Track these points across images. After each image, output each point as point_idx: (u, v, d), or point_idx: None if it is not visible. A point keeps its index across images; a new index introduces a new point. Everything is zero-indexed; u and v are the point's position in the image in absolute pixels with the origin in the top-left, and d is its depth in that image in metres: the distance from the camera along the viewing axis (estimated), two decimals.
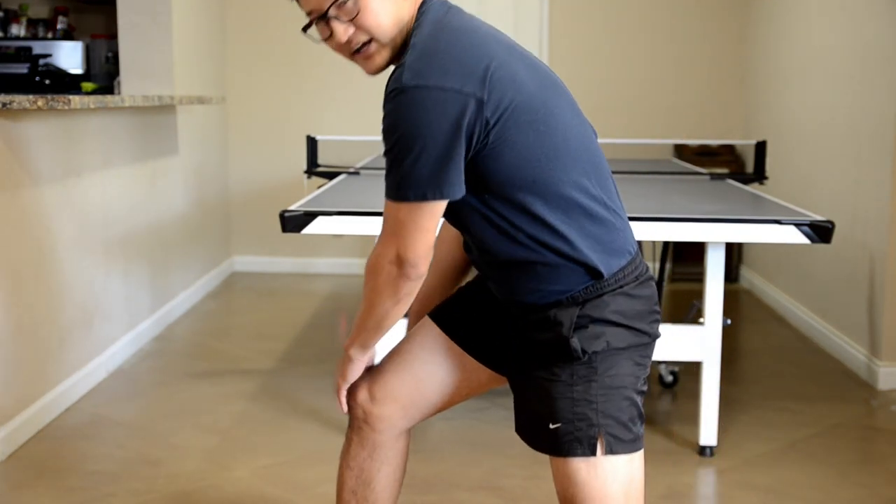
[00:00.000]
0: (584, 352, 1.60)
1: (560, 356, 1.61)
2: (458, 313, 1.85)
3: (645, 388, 1.69)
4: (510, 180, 1.56)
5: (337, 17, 1.58)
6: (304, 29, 1.66)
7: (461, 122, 1.49)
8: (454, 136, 1.49)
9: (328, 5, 1.57)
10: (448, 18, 1.60)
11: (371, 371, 1.86)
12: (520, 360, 1.70)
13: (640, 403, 1.67)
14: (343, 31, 1.59)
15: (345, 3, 1.57)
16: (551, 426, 1.61)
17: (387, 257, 1.60)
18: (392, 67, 1.60)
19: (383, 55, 1.62)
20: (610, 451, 1.60)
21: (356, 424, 1.86)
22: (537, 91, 1.57)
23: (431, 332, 1.85)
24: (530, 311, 1.67)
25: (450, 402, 1.87)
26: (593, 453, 1.60)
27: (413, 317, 1.97)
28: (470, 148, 1.52)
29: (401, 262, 1.58)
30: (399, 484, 1.92)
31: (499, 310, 1.77)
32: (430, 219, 1.56)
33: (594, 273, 1.61)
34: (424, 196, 1.52)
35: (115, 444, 3.18)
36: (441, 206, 1.55)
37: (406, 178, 1.52)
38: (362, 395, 1.84)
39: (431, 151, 1.49)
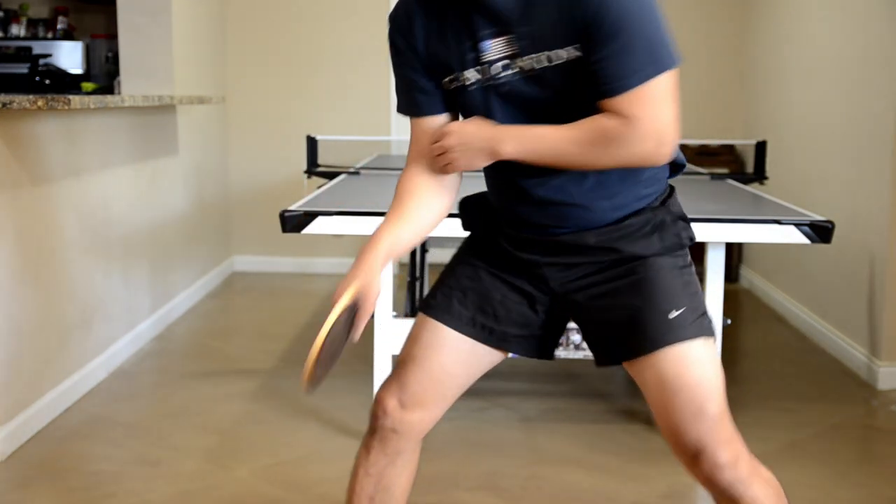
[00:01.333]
0: (691, 239, 1.76)
1: (667, 249, 1.72)
2: (452, 302, 1.82)
3: None
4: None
5: None
6: None
7: None
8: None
9: None
10: None
11: (393, 382, 1.84)
12: (611, 277, 1.73)
13: None
14: None
15: None
16: (672, 314, 1.67)
17: (646, 146, 1.58)
18: None
19: None
20: (712, 333, 1.72)
21: (382, 434, 1.84)
22: None
23: (434, 331, 1.83)
24: (616, 228, 1.72)
25: (466, 387, 1.88)
26: (713, 333, 1.71)
27: (385, 257, 1.77)
28: None
29: (660, 148, 1.59)
30: (410, 487, 1.93)
31: (517, 269, 1.79)
32: (675, 85, 1.60)
33: (676, 168, 1.78)
34: (674, 63, 1.58)
35: (115, 445, 3.18)
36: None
37: (661, 48, 1.56)
38: (392, 404, 1.82)
39: (662, 20, 1.58)
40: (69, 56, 6.01)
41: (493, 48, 1.64)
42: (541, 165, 1.65)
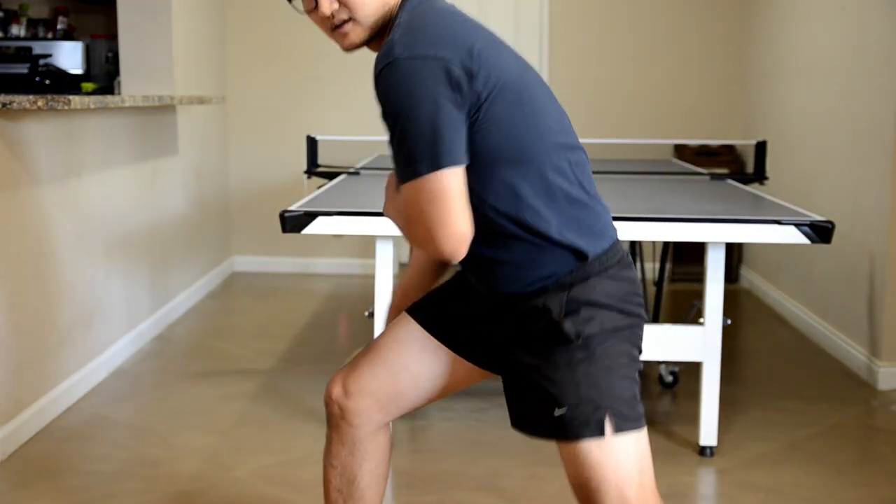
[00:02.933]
0: (578, 335, 1.60)
1: (556, 341, 1.61)
2: (436, 308, 1.85)
3: (640, 367, 1.70)
4: (497, 160, 1.57)
5: None
6: None
7: (457, 88, 1.50)
8: (452, 101, 1.49)
9: None
10: (431, 2, 1.64)
11: (346, 367, 1.87)
12: (512, 351, 1.69)
13: (638, 380, 1.68)
14: (328, 4, 1.62)
15: None
16: (557, 412, 1.61)
17: (422, 243, 1.56)
18: (375, 54, 1.62)
19: (360, 34, 1.65)
20: (619, 429, 1.61)
21: (333, 422, 1.87)
22: (520, 73, 1.61)
23: (407, 327, 1.84)
24: (516, 302, 1.67)
25: (428, 397, 1.86)
26: (602, 433, 1.60)
27: (393, 311, 1.97)
28: (470, 112, 1.53)
29: (438, 248, 1.53)
30: (384, 479, 1.92)
31: (482, 305, 1.77)
32: (453, 190, 1.51)
33: (579, 255, 1.62)
34: (440, 165, 1.49)
35: (115, 444, 3.18)
36: (459, 173, 1.51)
37: (418, 152, 1.49)
38: (336, 390, 1.85)
39: (435, 118, 1.48)
40: (69, 56, 6.01)
41: None
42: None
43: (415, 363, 1.83)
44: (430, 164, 1.49)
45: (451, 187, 1.50)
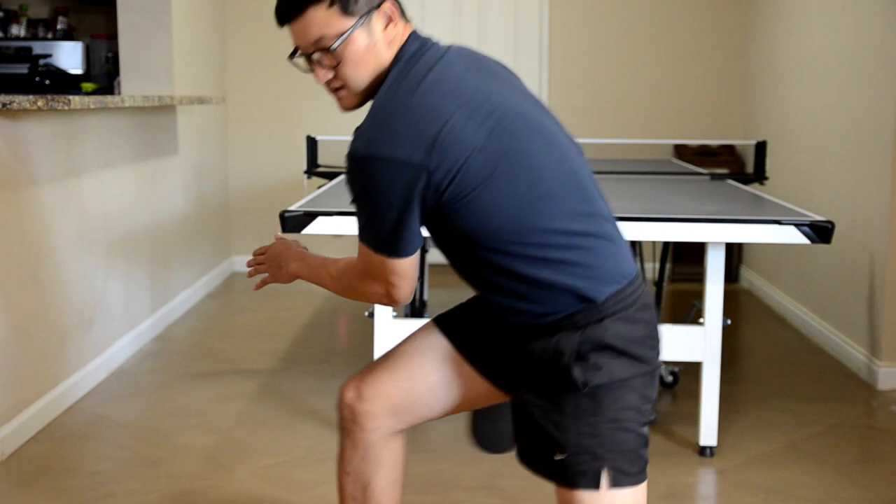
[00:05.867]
0: (585, 383, 1.58)
1: (564, 387, 1.60)
2: (463, 322, 1.83)
3: (652, 417, 1.67)
4: (477, 234, 1.59)
5: (319, 62, 1.64)
6: (290, 57, 1.71)
7: (412, 190, 1.55)
8: (406, 202, 1.56)
9: (312, 50, 1.63)
10: (413, 72, 1.60)
11: (362, 372, 1.86)
12: (523, 382, 1.67)
13: (646, 433, 1.65)
14: (323, 74, 1.66)
15: (327, 51, 1.61)
16: (556, 457, 1.60)
17: (374, 293, 1.71)
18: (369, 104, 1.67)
19: (353, 100, 1.69)
20: (615, 484, 1.59)
21: (346, 426, 1.85)
22: (496, 144, 1.56)
23: (432, 336, 1.83)
24: (529, 334, 1.65)
25: (444, 410, 1.84)
26: (597, 487, 1.58)
27: None
28: (424, 210, 1.58)
29: (389, 300, 1.70)
30: (399, 487, 1.90)
31: (505, 328, 1.75)
32: (401, 270, 1.65)
33: (584, 299, 1.60)
34: (388, 253, 1.62)
35: (115, 444, 3.18)
36: (404, 261, 1.64)
37: (368, 232, 1.63)
38: (350, 394, 1.83)
39: (386, 216, 1.58)
40: (69, 56, 6.01)
41: None
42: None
43: (436, 373, 1.81)
44: (388, 252, 1.62)
45: (405, 268, 1.64)
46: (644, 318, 1.64)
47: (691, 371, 3.46)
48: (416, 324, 2.91)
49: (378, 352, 3.14)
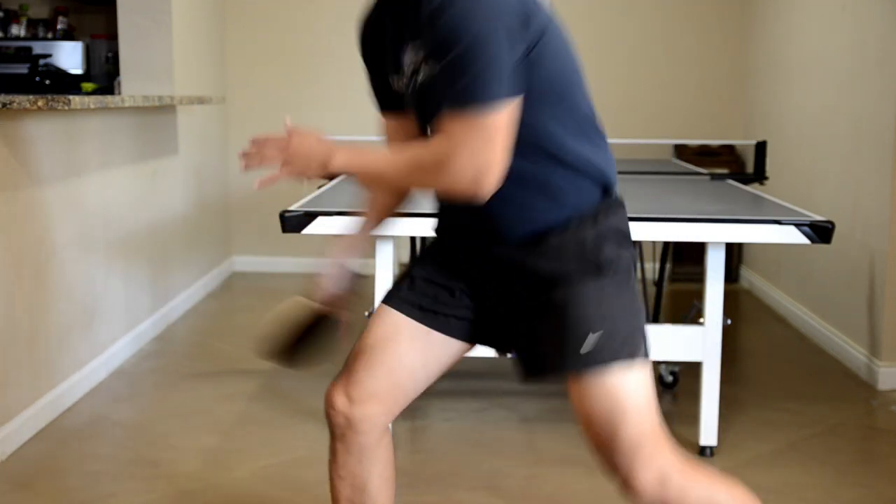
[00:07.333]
0: (610, 263, 1.66)
1: (588, 271, 1.65)
2: (413, 292, 1.83)
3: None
4: (545, 93, 1.61)
5: None
6: None
7: (525, 24, 1.54)
8: (519, 35, 1.53)
9: None
10: None
11: (342, 375, 1.85)
12: (529, 295, 1.70)
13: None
14: None
15: None
16: (591, 335, 1.62)
17: (463, 178, 1.52)
18: None
19: None
20: (644, 355, 1.67)
21: (338, 432, 1.85)
22: (552, 12, 1.66)
23: (390, 320, 1.83)
24: (536, 242, 1.68)
25: (426, 383, 1.85)
26: (633, 357, 1.65)
27: (368, 225, 2.07)
28: (529, 48, 1.56)
29: (479, 183, 1.52)
30: (392, 481, 1.90)
31: (479, 269, 1.77)
32: (509, 122, 1.53)
33: (605, 189, 1.72)
34: (508, 93, 1.51)
35: (115, 445, 3.18)
36: (514, 107, 1.54)
37: (485, 78, 1.49)
38: (340, 400, 1.83)
39: (505, 46, 1.50)
40: (69, 56, 6.01)
41: (408, 56, 1.68)
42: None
43: (408, 355, 1.81)
44: (501, 91, 1.50)
45: (506, 120, 1.52)
46: (624, 213, 1.78)
47: (691, 371, 3.46)
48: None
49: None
